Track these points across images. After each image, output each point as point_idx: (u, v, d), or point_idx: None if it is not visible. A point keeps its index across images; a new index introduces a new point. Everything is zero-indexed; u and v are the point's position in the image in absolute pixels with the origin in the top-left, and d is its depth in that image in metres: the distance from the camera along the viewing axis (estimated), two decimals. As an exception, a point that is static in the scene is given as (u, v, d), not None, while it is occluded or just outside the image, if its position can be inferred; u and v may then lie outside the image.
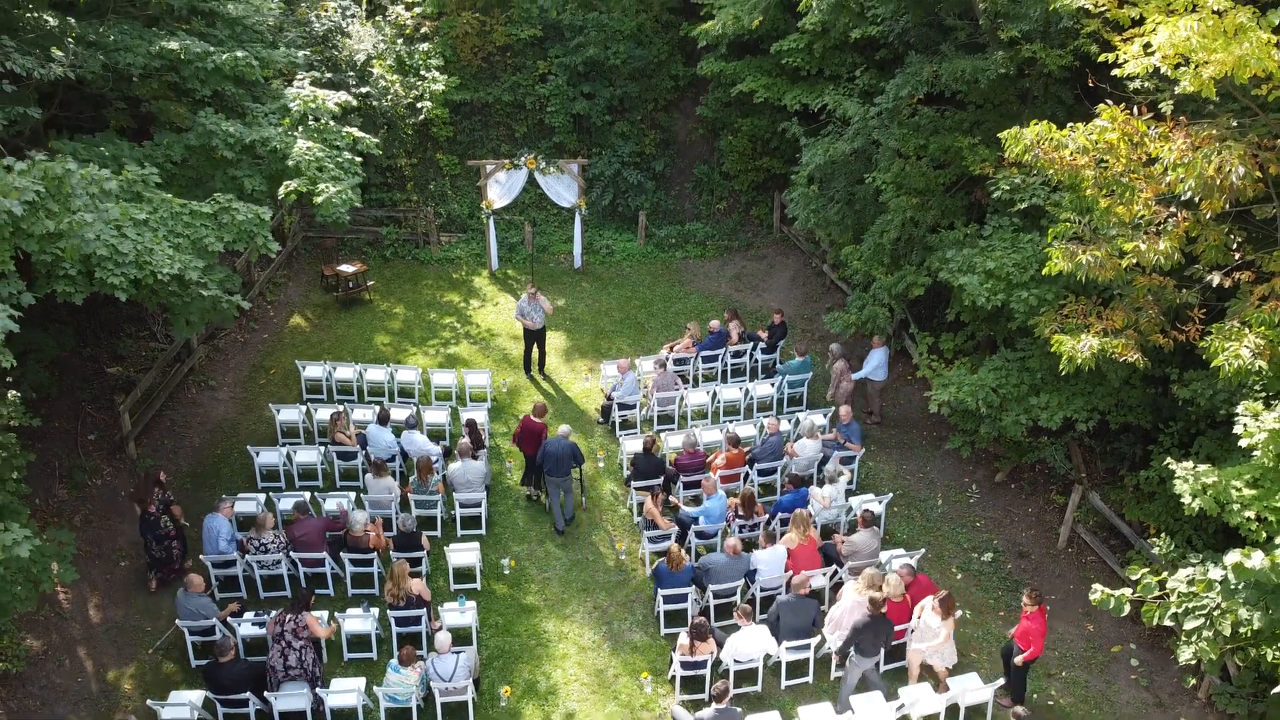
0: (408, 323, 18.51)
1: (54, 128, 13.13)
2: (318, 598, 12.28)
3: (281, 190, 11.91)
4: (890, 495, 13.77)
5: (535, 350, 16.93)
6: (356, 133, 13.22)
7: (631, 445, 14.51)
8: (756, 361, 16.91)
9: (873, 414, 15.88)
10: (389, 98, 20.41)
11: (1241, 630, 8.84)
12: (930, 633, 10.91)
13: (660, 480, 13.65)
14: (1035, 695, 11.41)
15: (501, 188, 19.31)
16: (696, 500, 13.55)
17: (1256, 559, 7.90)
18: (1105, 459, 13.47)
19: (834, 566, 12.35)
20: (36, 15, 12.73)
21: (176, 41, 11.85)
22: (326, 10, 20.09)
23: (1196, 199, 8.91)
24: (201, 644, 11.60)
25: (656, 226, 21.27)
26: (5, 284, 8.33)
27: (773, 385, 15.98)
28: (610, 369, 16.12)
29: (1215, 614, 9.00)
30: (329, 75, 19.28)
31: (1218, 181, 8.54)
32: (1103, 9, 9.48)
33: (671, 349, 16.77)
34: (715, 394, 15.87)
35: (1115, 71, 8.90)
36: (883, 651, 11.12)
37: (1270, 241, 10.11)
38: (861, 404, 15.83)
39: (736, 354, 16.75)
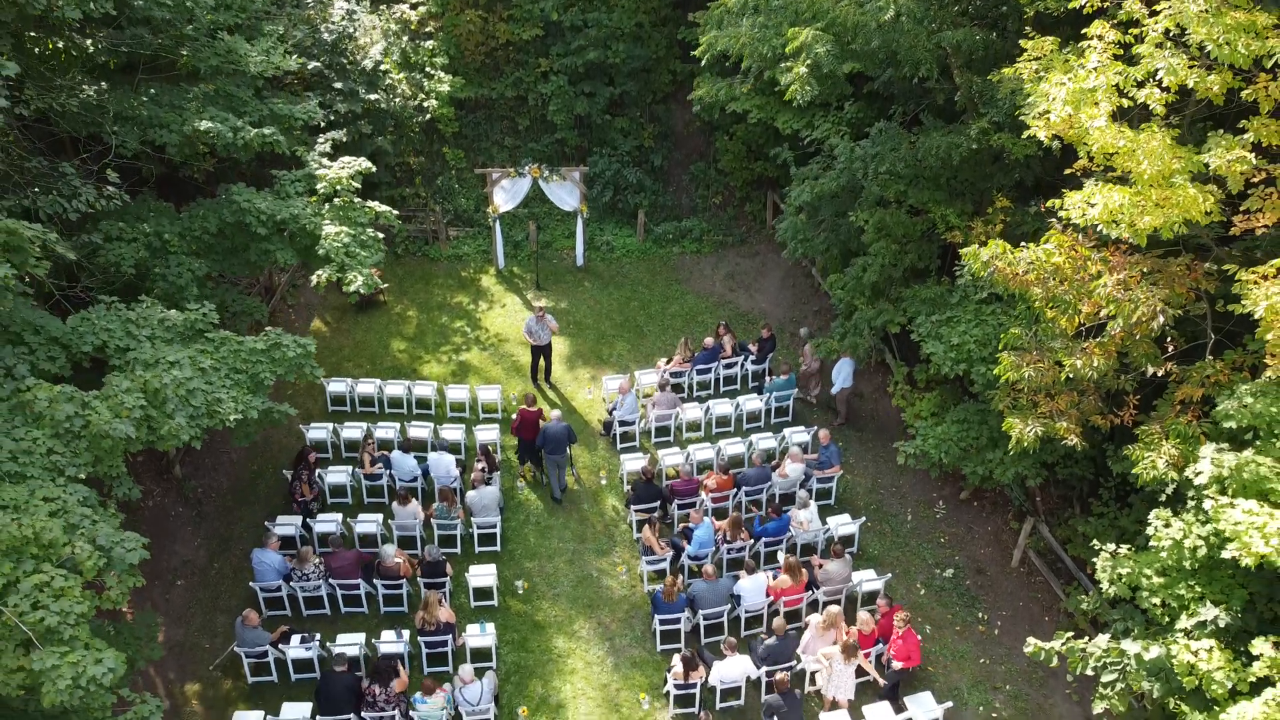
0: (421, 327, 19.73)
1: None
2: (352, 616, 14.04)
3: (313, 279, 13.07)
4: (864, 519, 15.29)
5: (542, 361, 18.25)
6: (378, 207, 14.23)
7: (632, 464, 16.00)
8: (747, 372, 18.23)
9: (838, 416, 17.37)
10: (396, 98, 21.14)
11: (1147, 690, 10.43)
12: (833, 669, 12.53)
13: (658, 504, 15.18)
14: (981, 708, 13.19)
15: (506, 194, 20.25)
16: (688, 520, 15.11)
17: (1154, 651, 9.45)
18: (1058, 486, 14.94)
19: (811, 590, 13.98)
20: (74, 80, 13.63)
21: (207, 121, 12.77)
22: (332, 16, 20.58)
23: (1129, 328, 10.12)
24: (256, 664, 13.28)
25: (655, 223, 22.25)
26: (119, 485, 9.84)
27: (761, 400, 17.35)
28: (612, 384, 17.46)
29: (1129, 671, 10.59)
30: (338, 84, 19.97)
31: (1144, 320, 9.74)
32: (1055, 136, 10.47)
33: (668, 362, 18.06)
34: (709, 408, 17.27)
35: (1060, 214, 9.98)
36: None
37: (1203, 333, 11.33)
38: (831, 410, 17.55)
39: (729, 365, 18.07)
